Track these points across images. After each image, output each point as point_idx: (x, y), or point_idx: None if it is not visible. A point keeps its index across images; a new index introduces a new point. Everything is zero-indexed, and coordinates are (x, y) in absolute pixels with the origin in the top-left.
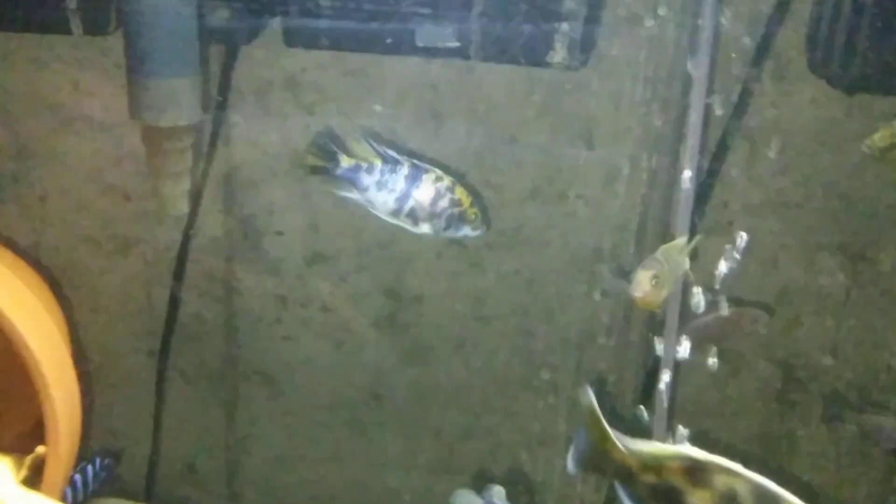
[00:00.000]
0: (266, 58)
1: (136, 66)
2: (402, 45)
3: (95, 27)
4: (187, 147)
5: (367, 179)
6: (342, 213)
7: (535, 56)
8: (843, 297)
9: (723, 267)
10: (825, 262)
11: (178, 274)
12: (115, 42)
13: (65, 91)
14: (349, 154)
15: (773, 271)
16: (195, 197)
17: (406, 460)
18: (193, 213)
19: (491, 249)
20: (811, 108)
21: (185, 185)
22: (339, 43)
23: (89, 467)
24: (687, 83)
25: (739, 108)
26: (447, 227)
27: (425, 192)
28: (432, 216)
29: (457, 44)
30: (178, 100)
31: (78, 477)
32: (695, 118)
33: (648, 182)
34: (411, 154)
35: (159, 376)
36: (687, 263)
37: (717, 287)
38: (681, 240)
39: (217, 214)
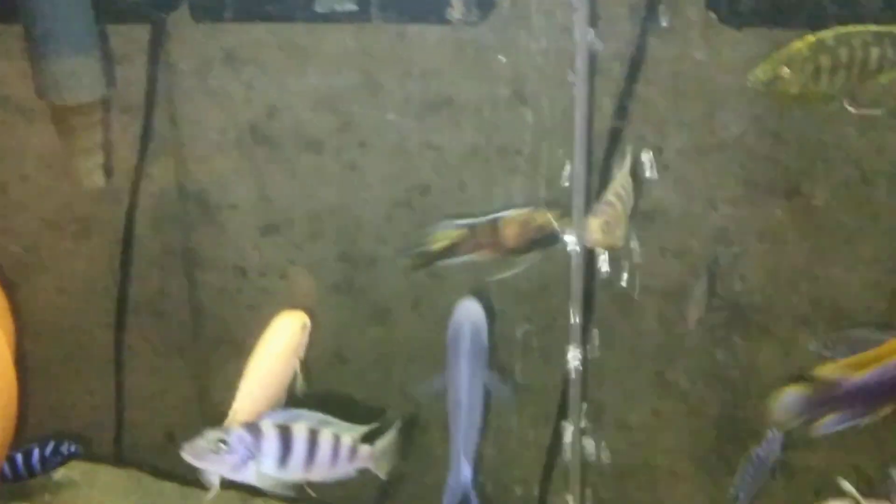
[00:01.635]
0: (203, 35)
1: (35, 47)
2: (302, 12)
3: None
4: (95, 122)
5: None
6: (292, 182)
7: (433, 14)
8: (781, 233)
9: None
10: (761, 199)
11: (126, 250)
12: None
13: (14, 82)
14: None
15: (711, 212)
16: (136, 173)
17: (376, 419)
18: (135, 191)
19: (438, 209)
20: (732, 49)
21: (98, 159)
22: (240, 14)
23: (36, 450)
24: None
25: (639, 52)
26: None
27: (511, 232)
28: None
29: (355, 7)
30: (79, 77)
31: (19, 456)
32: (580, 61)
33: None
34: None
35: (117, 349)
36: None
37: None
38: (625, 166)
39: (171, 190)
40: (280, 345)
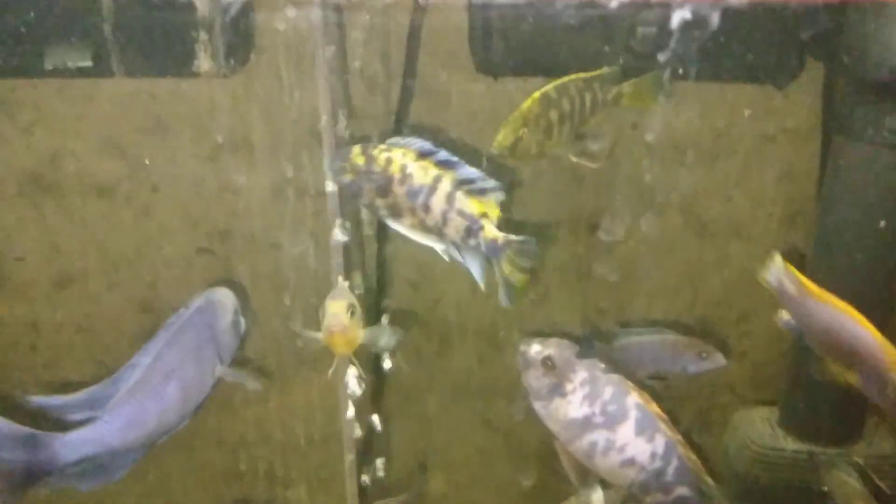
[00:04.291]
0: None
1: None
2: (32, 69)
3: None
4: None
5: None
6: (83, 231)
7: (179, 67)
8: (586, 269)
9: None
10: (563, 234)
11: None
12: None
13: None
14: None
15: None
16: None
17: (194, 471)
18: None
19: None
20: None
21: None
22: None
23: None
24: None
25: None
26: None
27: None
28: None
29: (90, 63)
30: None
31: None
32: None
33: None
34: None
35: None
36: None
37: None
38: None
39: None
40: None
